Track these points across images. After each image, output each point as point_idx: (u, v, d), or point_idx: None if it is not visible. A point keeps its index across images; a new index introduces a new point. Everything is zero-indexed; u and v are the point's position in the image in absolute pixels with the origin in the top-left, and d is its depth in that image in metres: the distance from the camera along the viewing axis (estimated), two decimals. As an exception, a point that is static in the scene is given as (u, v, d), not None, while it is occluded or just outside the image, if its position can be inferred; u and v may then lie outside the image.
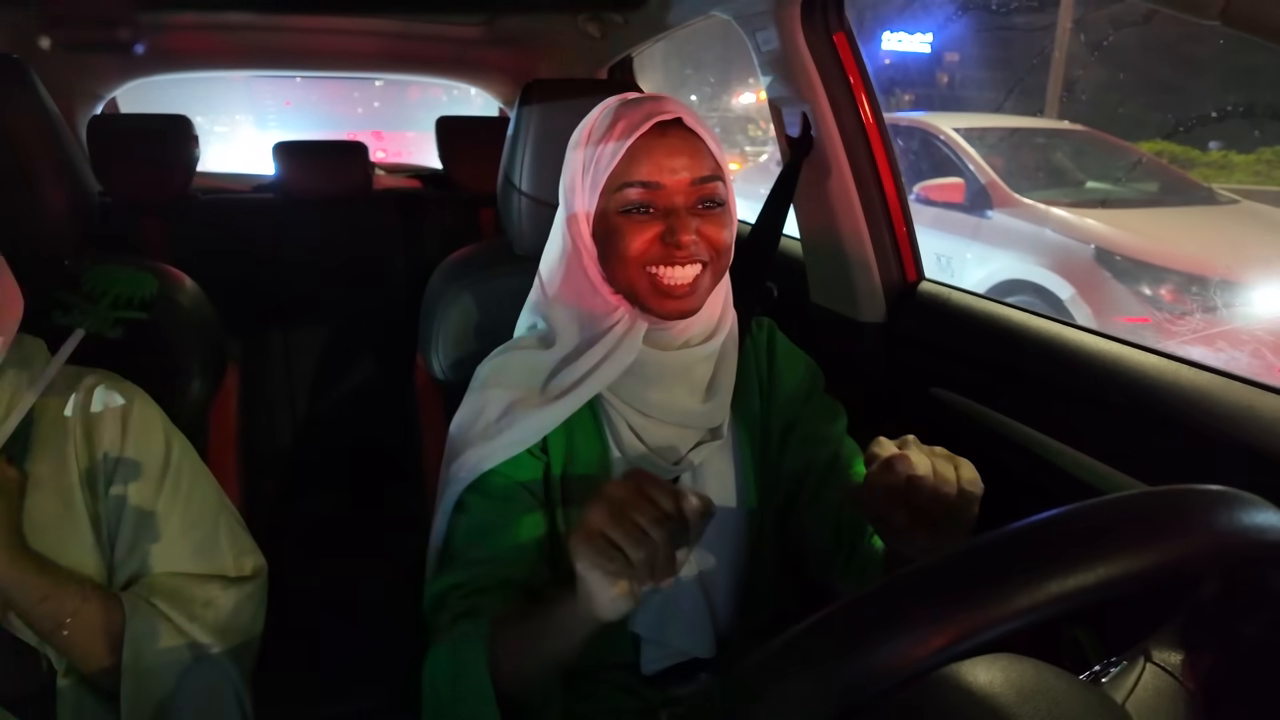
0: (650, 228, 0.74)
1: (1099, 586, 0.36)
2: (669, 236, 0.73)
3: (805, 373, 0.91)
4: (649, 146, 0.74)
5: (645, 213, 0.75)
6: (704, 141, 0.76)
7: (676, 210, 0.74)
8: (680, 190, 0.74)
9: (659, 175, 0.73)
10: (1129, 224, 3.71)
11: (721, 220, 0.77)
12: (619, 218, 0.75)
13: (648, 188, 0.74)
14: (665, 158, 0.74)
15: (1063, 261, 3.61)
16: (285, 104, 10.68)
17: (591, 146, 0.77)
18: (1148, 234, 3.63)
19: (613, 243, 0.76)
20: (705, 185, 0.75)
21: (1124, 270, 3.47)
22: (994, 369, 1.06)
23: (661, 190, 0.74)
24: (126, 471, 0.75)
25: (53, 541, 0.71)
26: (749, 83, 10.21)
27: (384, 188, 2.38)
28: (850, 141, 1.24)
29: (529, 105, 1.06)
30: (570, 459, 0.82)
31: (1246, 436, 0.75)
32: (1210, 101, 6.85)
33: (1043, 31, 8.37)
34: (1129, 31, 7.03)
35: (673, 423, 0.81)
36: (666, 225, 0.74)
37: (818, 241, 1.35)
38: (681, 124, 0.75)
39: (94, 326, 0.83)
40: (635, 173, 0.74)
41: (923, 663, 0.35)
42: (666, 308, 0.76)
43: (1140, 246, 3.52)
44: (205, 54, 2.29)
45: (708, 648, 0.82)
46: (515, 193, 1.07)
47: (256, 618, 0.81)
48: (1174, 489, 0.41)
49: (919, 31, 10.75)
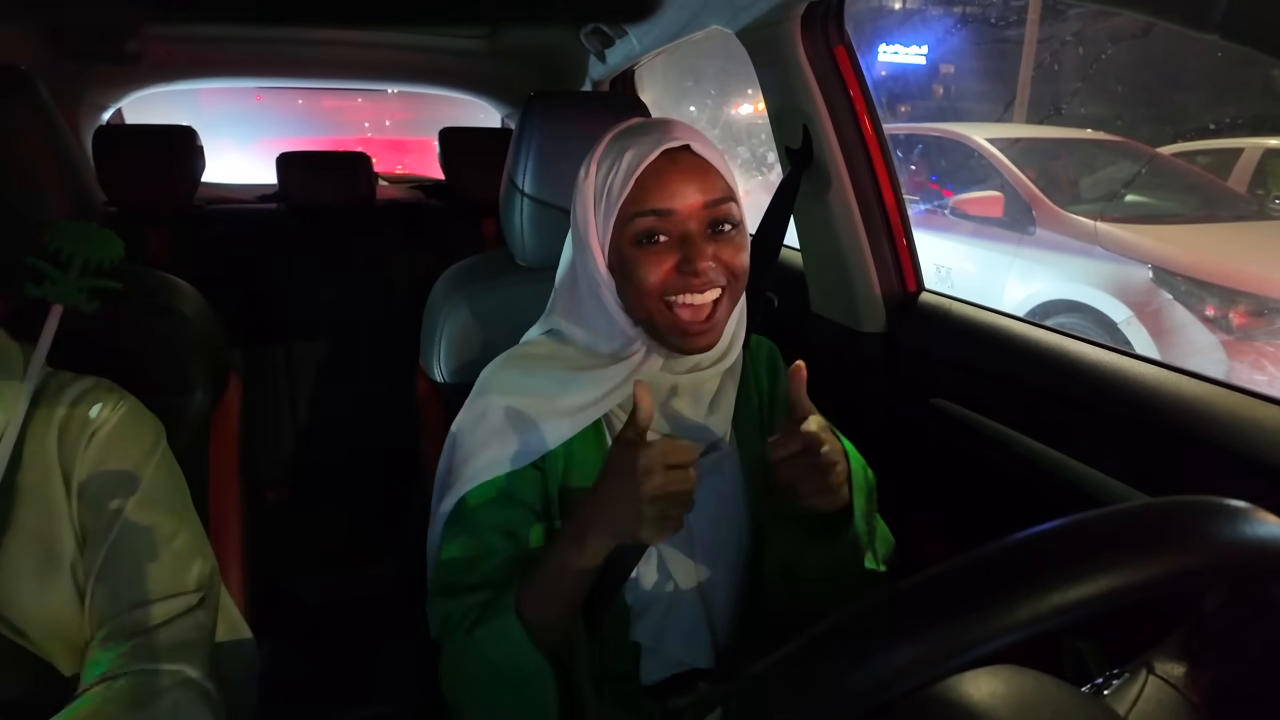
0: (667, 258, 0.73)
1: (1101, 598, 0.35)
2: (685, 265, 0.72)
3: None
4: (659, 174, 0.73)
5: (659, 242, 0.74)
6: (713, 165, 0.75)
7: (691, 237, 0.73)
8: (694, 215, 0.73)
9: (670, 202, 0.72)
10: (1182, 240, 3.43)
11: (737, 242, 0.76)
12: (633, 249, 0.74)
13: (660, 215, 0.73)
14: (676, 184, 0.73)
15: (1114, 280, 3.35)
16: (298, 102, 10.79)
17: (600, 178, 0.76)
18: (1207, 251, 3.34)
19: (629, 274, 0.75)
20: (719, 207, 0.74)
21: (1185, 291, 3.18)
22: (994, 379, 1.06)
23: (674, 216, 0.73)
24: (103, 484, 0.74)
25: (39, 553, 0.70)
26: (747, 94, 10.26)
27: (387, 198, 2.40)
28: (850, 153, 1.25)
29: (531, 116, 1.07)
30: (569, 471, 0.81)
31: (1248, 447, 0.75)
32: (1208, 113, 6.88)
33: (1041, 44, 8.43)
34: (1127, 45, 7.08)
35: (675, 436, 0.81)
36: (682, 254, 0.73)
37: (818, 252, 1.35)
38: (689, 149, 0.74)
39: (66, 299, 0.81)
40: (646, 201, 0.73)
41: (923, 675, 0.35)
42: (686, 345, 0.76)
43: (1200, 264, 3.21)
44: (209, 65, 2.30)
45: (706, 658, 0.82)
46: (517, 203, 1.07)
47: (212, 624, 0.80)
48: (1177, 500, 0.41)
49: (917, 44, 10.82)
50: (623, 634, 0.82)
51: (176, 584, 0.76)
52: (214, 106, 7.79)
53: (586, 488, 0.80)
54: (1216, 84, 7.01)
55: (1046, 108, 8.01)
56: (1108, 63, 7.39)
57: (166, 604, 0.74)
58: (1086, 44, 7.86)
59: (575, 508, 0.79)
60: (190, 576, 0.77)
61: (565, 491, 0.81)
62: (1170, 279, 3.25)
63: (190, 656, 0.73)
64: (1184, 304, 3.18)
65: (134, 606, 0.73)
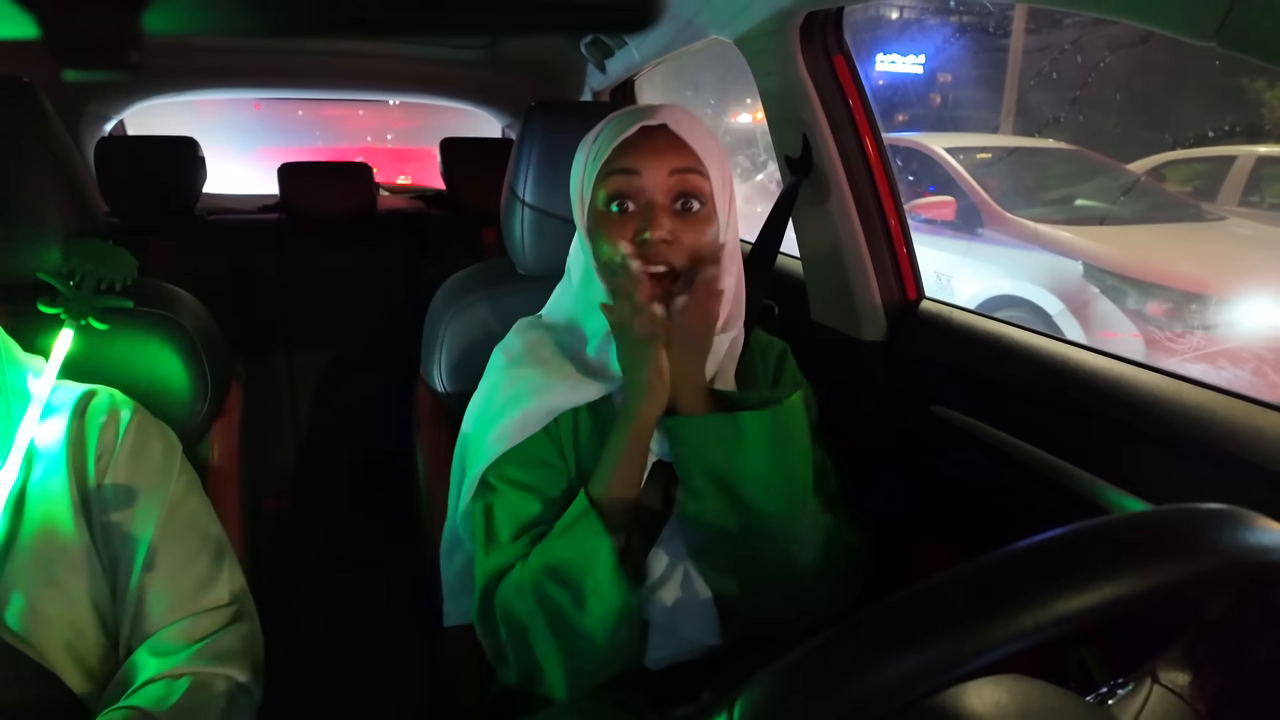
0: (629, 226, 0.77)
1: (1105, 606, 0.35)
2: (639, 234, 0.76)
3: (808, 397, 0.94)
4: (635, 143, 0.77)
5: (627, 210, 0.77)
6: (687, 140, 0.78)
7: (653, 206, 0.76)
8: (660, 184, 0.76)
9: (637, 163, 0.76)
10: (1117, 240, 3.74)
11: (702, 224, 0.78)
12: (604, 214, 0.79)
13: (627, 174, 0.76)
14: (647, 151, 0.77)
15: (1050, 276, 3.66)
16: (298, 113, 10.87)
17: (585, 146, 0.82)
18: (1135, 250, 3.65)
19: (597, 242, 0.80)
20: (686, 177, 0.77)
21: (1112, 287, 3.49)
22: (995, 387, 1.06)
23: (638, 177, 0.76)
24: (125, 495, 0.74)
25: (47, 563, 0.70)
26: (746, 103, 10.31)
27: (388, 208, 2.40)
28: (850, 161, 1.25)
29: (531, 126, 1.07)
30: (577, 431, 0.84)
31: (1250, 454, 0.75)
32: (1207, 121, 6.91)
33: (1040, 53, 8.47)
34: (1124, 53, 7.11)
35: None
36: (641, 222, 0.76)
37: (818, 260, 1.35)
38: (667, 128, 0.78)
39: (79, 315, 0.83)
40: (616, 162, 0.77)
41: (927, 684, 0.35)
42: None
43: (1125, 262, 3.53)
44: (211, 76, 2.32)
45: (713, 635, 0.82)
46: (518, 212, 1.08)
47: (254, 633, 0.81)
48: (1180, 508, 0.41)
49: (915, 53, 10.86)
50: (632, 646, 0.82)
51: (215, 595, 0.77)
52: (210, 116, 7.88)
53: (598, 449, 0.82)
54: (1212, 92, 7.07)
55: (1046, 116, 8.04)
56: (1106, 71, 7.43)
57: (207, 617, 0.75)
58: (1085, 52, 7.89)
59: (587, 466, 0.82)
60: (224, 586, 0.78)
61: (579, 451, 0.83)
62: (1100, 275, 3.55)
63: (240, 665, 0.75)
64: (1110, 297, 3.47)
65: (177, 620, 0.73)
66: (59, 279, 0.84)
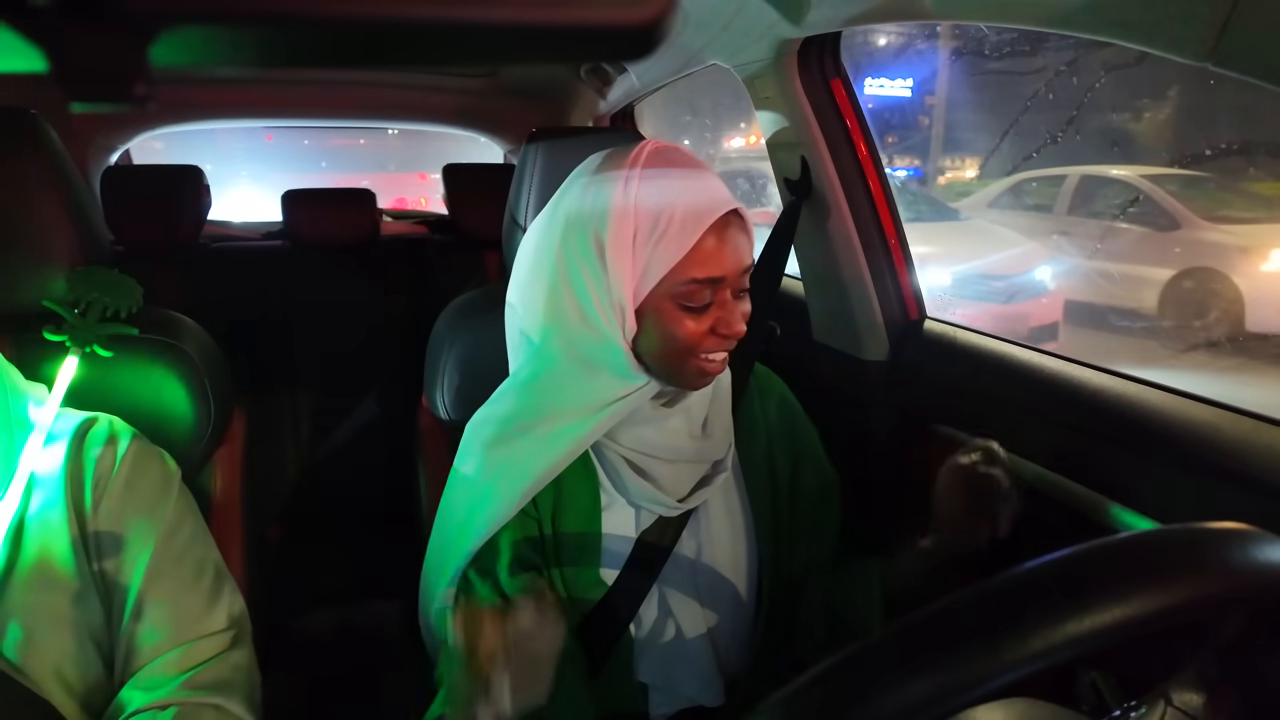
0: (706, 319, 0.75)
1: (1116, 628, 0.35)
2: (724, 328, 0.75)
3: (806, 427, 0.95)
4: (717, 239, 0.73)
5: (705, 305, 0.75)
6: (748, 227, 0.77)
7: (727, 302, 0.76)
8: (733, 281, 0.76)
9: (722, 269, 0.73)
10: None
11: (747, 297, 0.78)
12: (674, 308, 0.74)
13: (715, 284, 0.74)
14: (729, 251, 0.74)
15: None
16: (304, 143, 10.96)
17: (647, 227, 0.72)
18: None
19: (661, 329, 0.75)
20: (748, 272, 0.77)
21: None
22: (998, 406, 1.06)
23: (723, 283, 0.75)
24: (121, 523, 0.73)
25: (44, 592, 0.69)
26: (740, 127, 10.41)
27: (391, 234, 2.42)
28: (849, 183, 1.26)
29: (532, 153, 1.08)
30: (558, 509, 0.81)
31: (1258, 471, 0.74)
32: (1203, 139, 6.97)
33: (1035, 75, 8.55)
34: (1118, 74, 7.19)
35: (676, 459, 0.80)
36: (720, 318, 0.75)
37: (819, 281, 1.36)
38: (736, 212, 0.75)
39: (84, 342, 0.83)
40: (701, 268, 0.72)
41: (936, 709, 0.34)
42: (699, 384, 0.79)
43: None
44: (216, 106, 2.35)
45: (716, 695, 0.80)
46: (519, 239, 1.08)
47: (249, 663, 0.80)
48: (1189, 527, 0.41)
49: (910, 76, 10.97)
50: (627, 674, 0.80)
51: (210, 623, 0.76)
52: (226, 145, 8.02)
53: (577, 524, 0.80)
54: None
55: (1043, 136, 8.11)
56: (1099, 93, 7.52)
57: (201, 645, 0.74)
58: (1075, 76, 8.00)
59: (566, 547, 0.79)
60: (220, 613, 0.77)
61: (557, 530, 0.81)
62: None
63: (231, 694, 0.74)
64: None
65: (170, 650, 0.72)
66: (64, 307, 0.84)
